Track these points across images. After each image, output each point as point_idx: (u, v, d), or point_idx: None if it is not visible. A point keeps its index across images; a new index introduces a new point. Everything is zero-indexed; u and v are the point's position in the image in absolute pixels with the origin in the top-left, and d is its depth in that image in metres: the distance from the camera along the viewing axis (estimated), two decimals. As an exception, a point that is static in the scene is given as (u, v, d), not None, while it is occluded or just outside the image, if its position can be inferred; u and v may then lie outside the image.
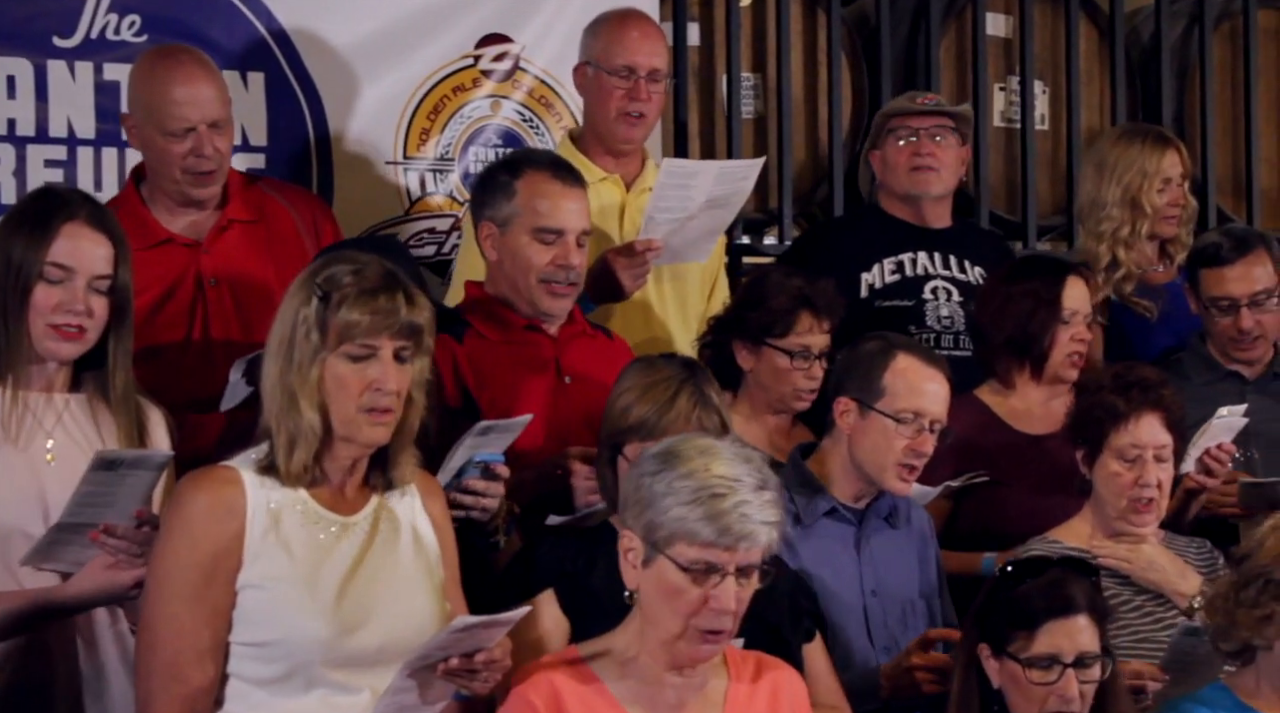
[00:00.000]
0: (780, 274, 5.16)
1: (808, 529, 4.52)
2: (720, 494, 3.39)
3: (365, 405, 3.56)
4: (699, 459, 3.43)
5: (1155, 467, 4.65)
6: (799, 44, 6.53)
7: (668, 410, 4.06)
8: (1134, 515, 4.66)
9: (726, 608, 3.41)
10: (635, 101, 5.35)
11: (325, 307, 3.55)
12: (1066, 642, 3.90)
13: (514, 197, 4.75)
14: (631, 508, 3.46)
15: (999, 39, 6.80)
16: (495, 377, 4.66)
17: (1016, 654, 3.90)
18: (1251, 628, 4.10)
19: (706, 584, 3.40)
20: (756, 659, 3.64)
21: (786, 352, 4.94)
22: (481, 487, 4.09)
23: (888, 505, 4.62)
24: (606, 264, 5.12)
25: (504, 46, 5.86)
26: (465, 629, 3.43)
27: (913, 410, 4.52)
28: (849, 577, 4.52)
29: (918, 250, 5.69)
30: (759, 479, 3.44)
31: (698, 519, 3.38)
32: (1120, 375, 4.78)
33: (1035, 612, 3.92)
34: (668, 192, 5.12)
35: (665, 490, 3.41)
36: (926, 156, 5.65)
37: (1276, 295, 5.43)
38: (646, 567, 3.44)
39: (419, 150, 5.76)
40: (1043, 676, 3.89)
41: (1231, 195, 7.05)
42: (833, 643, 4.38)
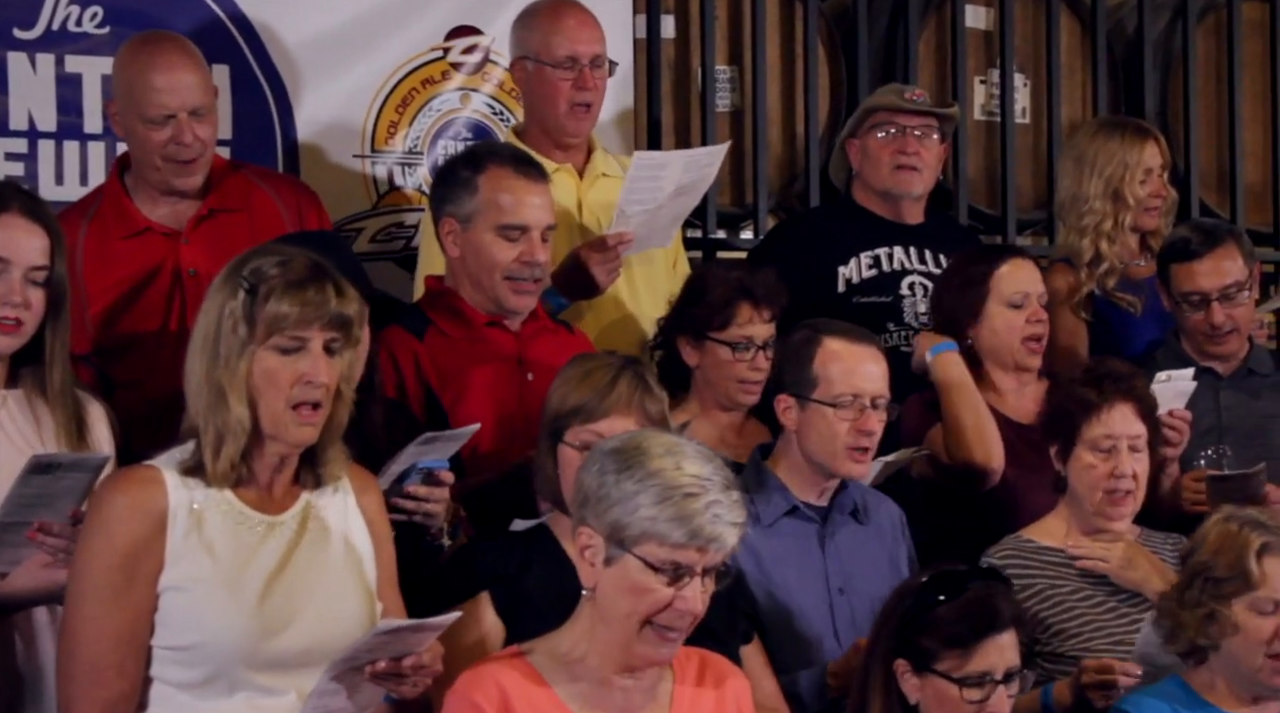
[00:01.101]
0: (720, 268, 5.14)
1: (768, 530, 4.45)
2: (693, 494, 3.35)
3: (295, 399, 3.49)
4: (667, 458, 3.38)
5: (1130, 457, 4.59)
6: (776, 36, 6.45)
7: (609, 393, 4.02)
8: (1110, 509, 4.60)
9: (693, 609, 3.37)
10: (583, 91, 5.29)
11: (253, 299, 3.49)
12: (998, 658, 3.85)
13: (476, 192, 4.70)
14: (593, 506, 3.40)
15: (979, 31, 6.72)
16: (458, 374, 4.61)
17: (949, 674, 3.84)
18: (1196, 628, 4.05)
19: (675, 584, 3.36)
20: (700, 658, 3.59)
21: (728, 344, 4.88)
22: (424, 493, 4.02)
23: (851, 501, 4.56)
24: (579, 260, 5.06)
25: (473, 39, 5.80)
26: (391, 633, 3.37)
27: (850, 392, 4.47)
28: (814, 575, 4.45)
29: (894, 245, 5.63)
30: (726, 479, 3.40)
31: (669, 519, 3.34)
32: (1091, 369, 4.74)
33: (968, 632, 3.85)
34: (639, 184, 5.07)
35: (635, 489, 3.36)
36: (911, 155, 5.59)
37: (1248, 288, 5.37)
38: (609, 565, 3.39)
39: (387, 143, 5.70)
40: (975, 693, 3.83)
41: (1215, 190, 6.98)
42: (799, 645, 4.32)
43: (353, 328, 3.55)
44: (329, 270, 3.55)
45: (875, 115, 5.62)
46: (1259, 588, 4.04)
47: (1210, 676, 4.11)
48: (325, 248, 3.92)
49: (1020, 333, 5.13)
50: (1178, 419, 5.02)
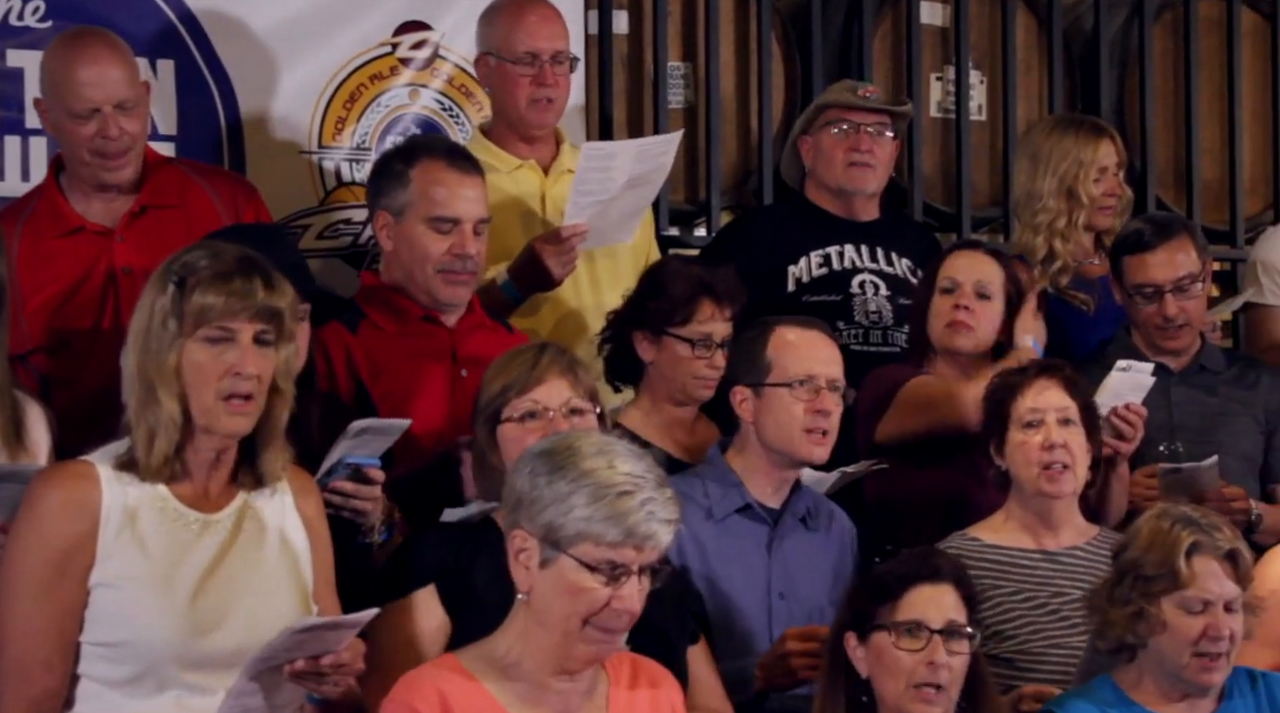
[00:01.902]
0: (679, 262, 5.10)
1: (719, 524, 4.43)
2: (627, 492, 3.32)
3: (224, 391, 3.47)
4: (599, 457, 3.35)
5: (1060, 429, 4.55)
6: (730, 32, 6.42)
7: (537, 362, 4.04)
8: (1047, 485, 4.55)
9: (630, 608, 3.34)
10: (543, 87, 5.25)
11: (181, 292, 3.47)
12: (934, 609, 3.82)
13: (409, 185, 4.69)
14: (525, 509, 3.37)
15: (935, 28, 6.69)
16: (390, 368, 4.58)
17: (884, 623, 3.80)
18: (1125, 626, 4.02)
19: (612, 584, 3.32)
20: (632, 661, 3.56)
21: (688, 340, 4.83)
22: (350, 489, 3.99)
23: (805, 506, 4.53)
24: (533, 253, 5.03)
25: (423, 34, 5.75)
26: (306, 631, 3.34)
27: (804, 374, 4.44)
28: (757, 577, 4.42)
29: (845, 243, 5.60)
30: (659, 477, 3.38)
31: (604, 519, 3.31)
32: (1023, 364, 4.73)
33: (901, 578, 3.85)
34: (589, 175, 5.04)
35: (568, 490, 3.32)
36: (865, 153, 5.57)
37: (1201, 281, 5.34)
38: (545, 568, 3.35)
39: (335, 139, 5.65)
40: (911, 643, 3.81)
41: (1173, 187, 6.96)
42: (734, 643, 4.29)
43: (284, 320, 3.52)
44: (258, 262, 3.53)
45: (828, 112, 5.59)
46: (1188, 587, 4.00)
47: (1139, 674, 4.08)
48: (265, 242, 3.91)
49: (943, 317, 5.09)
50: (1133, 413, 4.98)
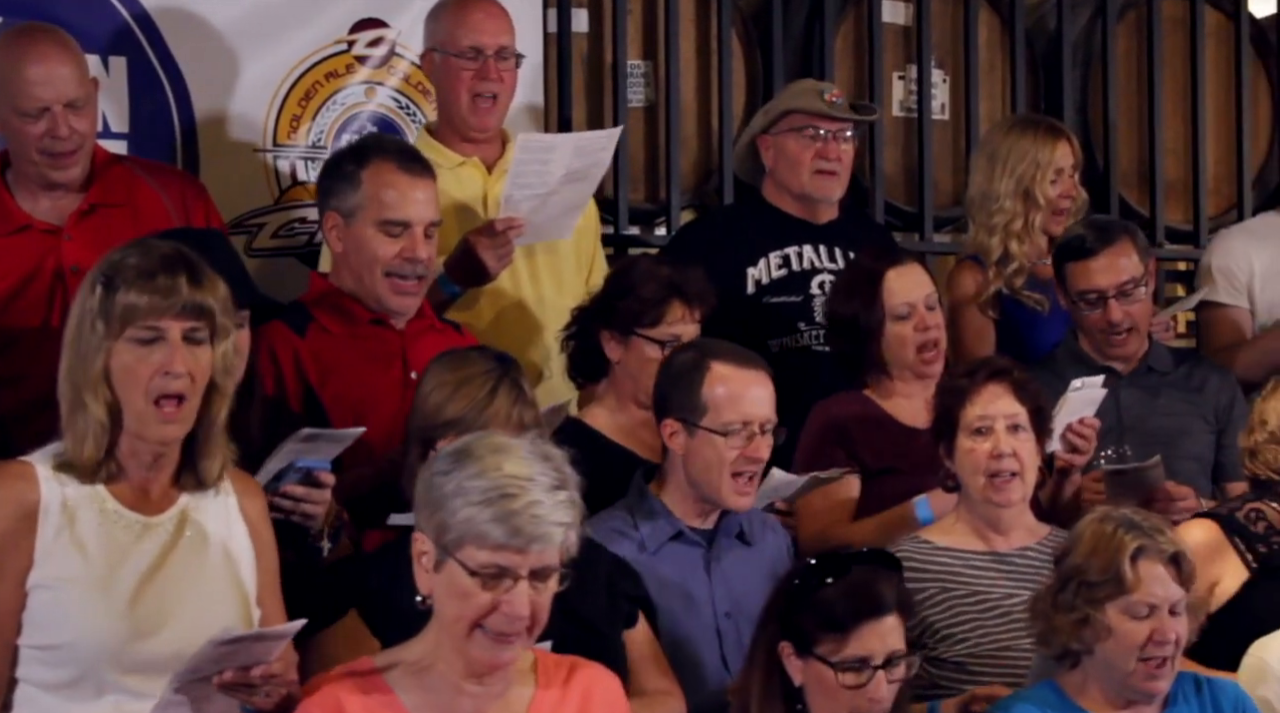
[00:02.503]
0: (649, 262, 5.05)
1: (654, 557, 4.37)
2: (511, 494, 3.22)
3: (155, 392, 3.43)
4: (491, 458, 3.27)
5: (1009, 437, 4.50)
6: (691, 30, 6.38)
7: (487, 405, 3.97)
8: (995, 494, 4.52)
9: (519, 614, 3.25)
10: (485, 81, 5.22)
11: (108, 293, 3.43)
12: (878, 643, 3.77)
13: (359, 187, 4.65)
14: (423, 510, 3.31)
15: (897, 27, 6.66)
16: (339, 371, 4.55)
17: (826, 658, 3.77)
18: (1069, 633, 4.00)
19: (498, 589, 3.24)
20: (570, 664, 3.49)
21: (657, 342, 4.79)
22: (301, 493, 3.95)
23: (738, 524, 4.49)
24: (468, 246, 4.99)
25: (379, 32, 5.72)
26: (231, 643, 3.30)
27: (739, 420, 4.38)
28: (701, 600, 4.38)
29: (804, 244, 5.57)
30: (555, 479, 3.28)
31: (487, 521, 3.21)
32: (970, 365, 4.69)
33: (846, 614, 3.78)
34: (525, 168, 5.01)
35: (455, 491, 3.25)
36: (833, 161, 5.53)
37: (1144, 285, 5.31)
38: (438, 570, 3.29)
39: (290, 138, 5.62)
40: (854, 678, 3.76)
41: (1136, 187, 6.94)
42: (687, 671, 4.24)
43: (214, 316, 3.48)
44: (185, 258, 3.48)
45: (793, 117, 5.54)
46: (1133, 592, 3.97)
47: (1083, 679, 4.05)
48: (202, 248, 3.85)
49: (910, 342, 5.05)
50: (1086, 427, 4.96)
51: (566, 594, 3.77)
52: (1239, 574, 4.57)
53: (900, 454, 4.91)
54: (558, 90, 6.08)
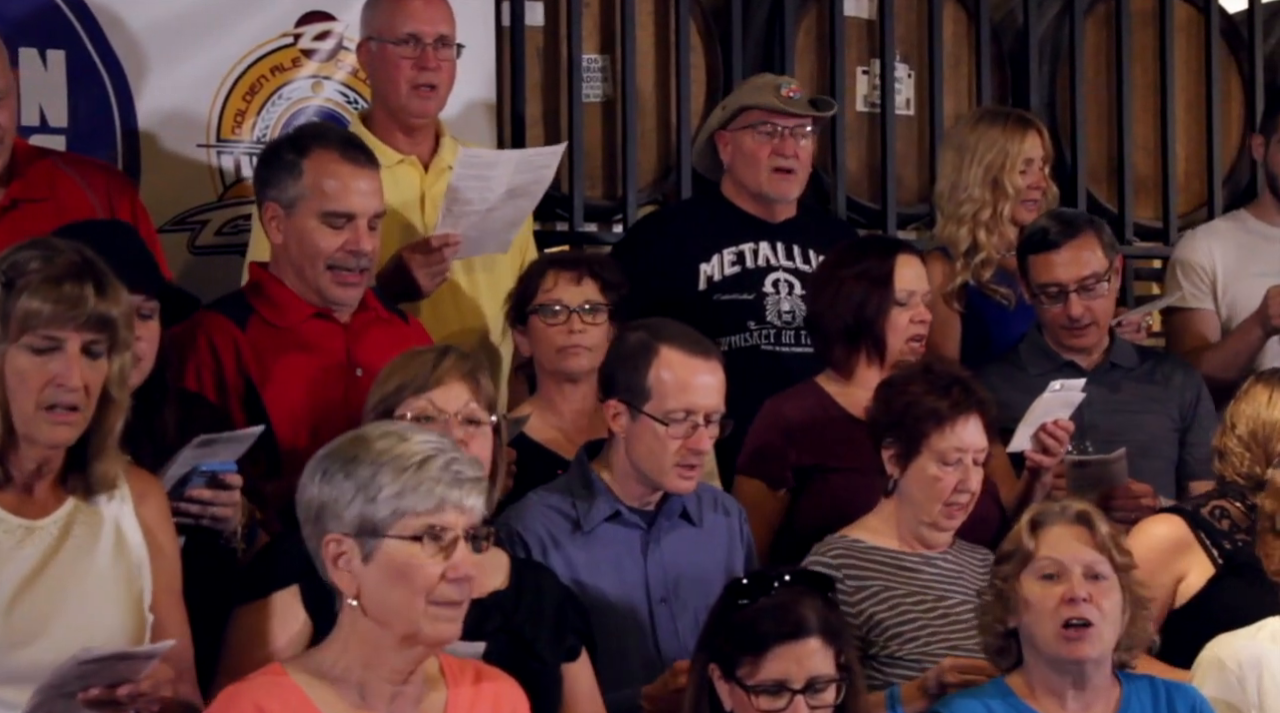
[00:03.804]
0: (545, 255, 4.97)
1: (588, 536, 4.26)
2: (428, 458, 3.21)
3: (45, 402, 3.31)
4: (389, 438, 3.25)
5: (974, 471, 4.43)
6: (649, 23, 6.27)
7: (440, 363, 3.92)
8: (945, 520, 4.44)
9: (467, 573, 3.20)
10: (425, 71, 5.11)
11: (7, 295, 3.30)
12: (795, 667, 3.64)
13: (301, 177, 4.52)
14: (329, 513, 3.23)
15: (861, 20, 6.56)
16: (281, 367, 4.44)
17: (744, 681, 3.64)
18: (994, 615, 3.93)
19: (441, 553, 3.20)
20: (475, 669, 3.42)
21: (537, 312, 4.71)
22: (208, 496, 3.82)
23: (681, 502, 4.35)
24: (401, 262, 4.88)
25: (326, 25, 5.61)
26: (94, 662, 3.17)
27: (683, 409, 4.25)
28: (634, 585, 4.25)
29: (760, 241, 5.46)
30: (453, 443, 3.30)
31: (413, 490, 3.19)
32: (931, 371, 4.53)
33: (762, 635, 3.65)
34: (465, 183, 4.89)
35: (370, 474, 3.20)
36: (790, 158, 5.42)
37: (1107, 280, 5.20)
38: (368, 562, 3.21)
39: (234, 133, 5.50)
40: (771, 702, 3.63)
41: (1106, 183, 6.83)
42: (616, 659, 4.12)
43: (117, 330, 3.36)
44: (93, 266, 3.36)
45: (750, 113, 5.43)
46: (1035, 556, 3.91)
47: (1027, 679, 3.95)
48: (107, 236, 3.75)
49: (904, 332, 4.95)
50: (1059, 429, 4.86)
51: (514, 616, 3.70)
52: (1205, 570, 4.49)
53: (852, 450, 4.78)
54: (511, 86, 5.97)
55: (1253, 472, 4.50)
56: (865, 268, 4.96)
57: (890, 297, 4.92)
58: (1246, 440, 4.55)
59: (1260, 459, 4.50)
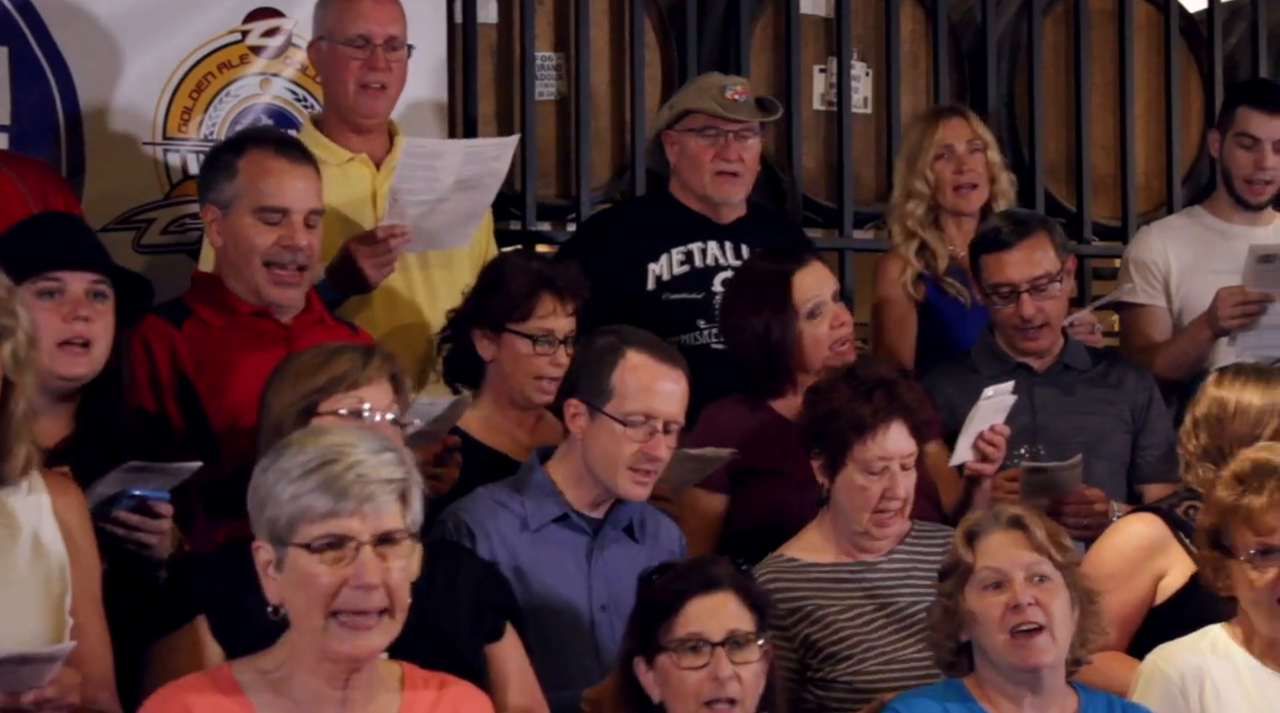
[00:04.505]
0: (519, 257, 4.92)
1: (534, 535, 4.21)
2: (331, 460, 3.11)
3: None
4: (310, 439, 3.17)
5: (902, 477, 4.36)
6: (604, 21, 6.23)
7: (368, 362, 3.85)
8: (877, 529, 4.37)
9: (370, 583, 3.10)
10: (374, 71, 5.06)
11: None
12: (712, 620, 3.61)
13: (236, 176, 4.49)
14: (254, 512, 3.17)
15: (818, 18, 6.51)
16: (218, 363, 4.39)
17: (666, 645, 3.60)
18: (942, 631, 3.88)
19: (343, 563, 3.10)
20: (440, 680, 3.34)
21: (528, 336, 4.63)
22: (135, 521, 3.75)
23: (628, 516, 4.31)
24: (348, 253, 4.83)
25: (274, 21, 5.55)
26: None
27: (643, 412, 4.20)
28: (577, 589, 4.20)
29: (708, 240, 5.41)
30: (379, 445, 3.17)
31: (312, 490, 3.09)
32: (855, 376, 4.45)
33: (677, 593, 3.63)
34: (411, 173, 4.84)
35: (276, 477, 3.13)
36: (734, 162, 5.37)
37: (1059, 281, 5.16)
38: (281, 569, 3.14)
39: (181, 131, 5.44)
40: (693, 659, 3.59)
41: (1064, 181, 6.80)
42: (556, 659, 4.08)
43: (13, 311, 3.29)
44: None
45: (692, 117, 5.39)
46: (976, 567, 3.85)
47: (980, 683, 3.91)
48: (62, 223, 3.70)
49: (825, 341, 4.89)
50: (997, 435, 4.81)
51: (425, 606, 3.64)
52: (1186, 568, 4.40)
53: (785, 454, 4.72)
54: (463, 84, 5.92)
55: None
56: (759, 297, 4.87)
57: (793, 317, 4.83)
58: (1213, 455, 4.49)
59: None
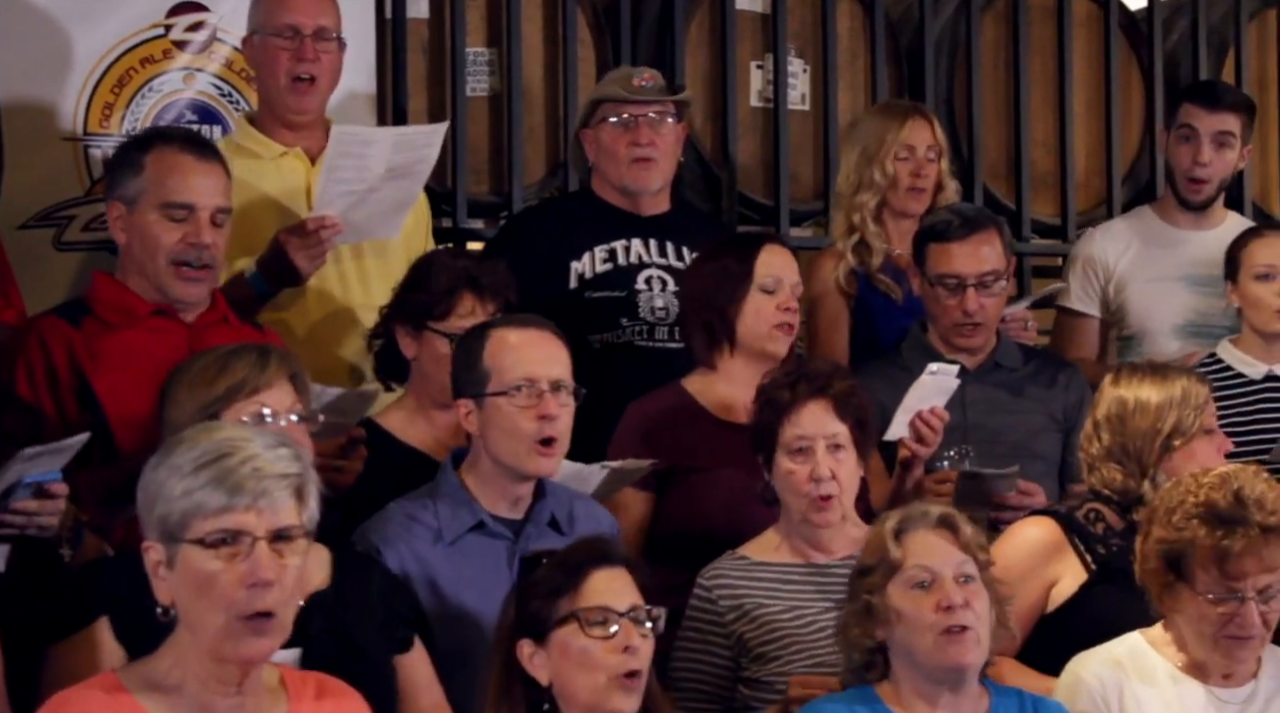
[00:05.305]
0: (446, 255, 4.86)
1: (450, 548, 4.13)
2: (226, 454, 3.03)
3: None
4: (203, 435, 3.09)
5: (829, 457, 4.29)
6: (538, 16, 6.16)
7: (265, 365, 3.79)
8: (815, 514, 4.30)
9: (265, 579, 3.02)
10: (302, 62, 5.01)
11: None
12: (616, 594, 3.58)
13: (142, 172, 4.42)
14: (144, 512, 3.09)
15: (756, 14, 6.45)
16: (117, 363, 4.32)
17: (567, 614, 3.56)
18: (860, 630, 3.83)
19: (237, 558, 3.02)
20: (316, 681, 3.27)
21: (446, 336, 4.57)
22: (34, 507, 3.70)
23: (549, 511, 4.23)
24: (278, 245, 4.76)
25: (198, 15, 5.48)
26: None
27: (523, 378, 4.15)
28: (498, 600, 4.01)
29: (631, 237, 5.35)
30: (275, 440, 3.10)
31: (205, 486, 3.02)
32: (791, 371, 4.44)
33: (577, 565, 3.60)
34: (341, 162, 4.78)
35: (168, 473, 3.05)
36: (646, 146, 5.31)
37: (1004, 280, 5.13)
38: (173, 568, 3.06)
39: (102, 126, 5.37)
40: (602, 631, 3.55)
41: (1005, 179, 6.75)
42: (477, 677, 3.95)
43: None
44: None
45: (604, 106, 5.34)
46: (904, 565, 3.80)
47: (895, 687, 3.85)
48: None
49: (770, 319, 4.85)
50: (935, 417, 4.79)
51: (337, 614, 3.57)
52: (1078, 575, 4.38)
53: (711, 451, 4.69)
54: (393, 79, 5.85)
55: (1126, 486, 4.42)
56: (725, 261, 4.89)
57: (748, 284, 4.81)
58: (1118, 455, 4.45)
59: (1134, 474, 4.41)
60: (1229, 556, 3.90)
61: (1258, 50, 7.07)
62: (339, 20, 5.16)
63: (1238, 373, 5.53)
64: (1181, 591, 3.98)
